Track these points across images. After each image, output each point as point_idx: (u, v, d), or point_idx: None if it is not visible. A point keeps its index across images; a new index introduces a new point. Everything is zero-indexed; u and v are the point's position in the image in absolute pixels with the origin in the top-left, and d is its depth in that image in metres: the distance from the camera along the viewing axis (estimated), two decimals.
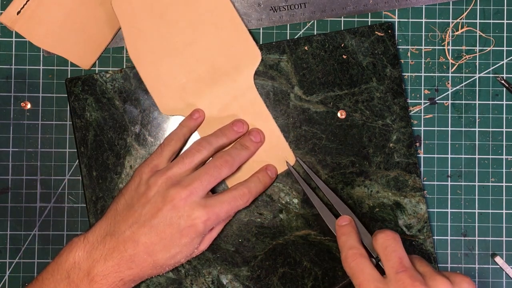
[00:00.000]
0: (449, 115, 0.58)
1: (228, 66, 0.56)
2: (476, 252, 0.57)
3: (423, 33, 0.58)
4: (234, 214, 0.55)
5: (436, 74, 0.58)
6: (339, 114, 0.56)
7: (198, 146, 0.53)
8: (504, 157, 0.58)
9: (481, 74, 0.58)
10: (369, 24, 0.57)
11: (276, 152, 0.56)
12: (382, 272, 0.48)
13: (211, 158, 0.54)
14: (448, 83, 0.58)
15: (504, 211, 0.57)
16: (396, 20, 0.58)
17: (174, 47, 0.56)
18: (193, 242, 0.50)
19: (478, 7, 0.58)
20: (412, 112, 0.58)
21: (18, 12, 0.54)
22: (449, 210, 0.57)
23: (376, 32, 0.57)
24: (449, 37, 0.58)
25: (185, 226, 0.50)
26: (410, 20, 0.58)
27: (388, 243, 0.48)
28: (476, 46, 0.58)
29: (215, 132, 0.55)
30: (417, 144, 0.58)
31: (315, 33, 0.58)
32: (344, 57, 0.56)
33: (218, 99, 0.56)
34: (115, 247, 0.49)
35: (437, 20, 0.58)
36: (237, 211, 0.55)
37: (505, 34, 0.58)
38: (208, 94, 0.56)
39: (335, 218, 0.54)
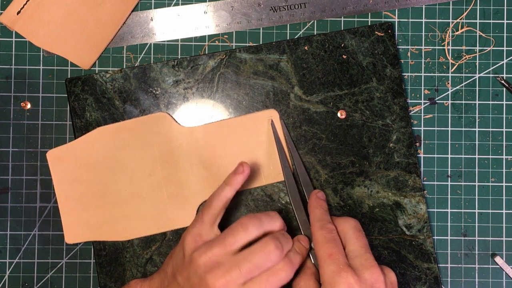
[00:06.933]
0: (449, 115, 0.58)
1: None
2: (476, 252, 0.57)
3: (423, 33, 0.58)
4: None
5: (436, 74, 0.58)
6: (339, 114, 0.56)
7: (246, 224, 0.47)
8: (504, 157, 0.58)
9: (481, 74, 0.58)
10: (369, 24, 0.57)
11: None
12: None
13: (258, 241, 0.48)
14: (448, 83, 0.58)
15: (504, 211, 0.57)
16: (396, 20, 0.58)
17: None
18: None
19: (478, 7, 0.58)
20: (412, 112, 0.58)
21: (18, 12, 0.54)
22: (449, 210, 0.57)
23: (376, 32, 0.57)
24: (449, 37, 0.58)
25: None
26: (410, 20, 0.58)
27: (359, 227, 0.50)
28: (476, 46, 0.58)
29: (268, 212, 0.49)
30: (417, 144, 0.58)
31: (315, 33, 0.58)
32: (344, 57, 0.56)
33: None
34: None
35: (437, 20, 0.58)
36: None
37: (505, 34, 0.58)
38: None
39: (297, 190, 0.54)
